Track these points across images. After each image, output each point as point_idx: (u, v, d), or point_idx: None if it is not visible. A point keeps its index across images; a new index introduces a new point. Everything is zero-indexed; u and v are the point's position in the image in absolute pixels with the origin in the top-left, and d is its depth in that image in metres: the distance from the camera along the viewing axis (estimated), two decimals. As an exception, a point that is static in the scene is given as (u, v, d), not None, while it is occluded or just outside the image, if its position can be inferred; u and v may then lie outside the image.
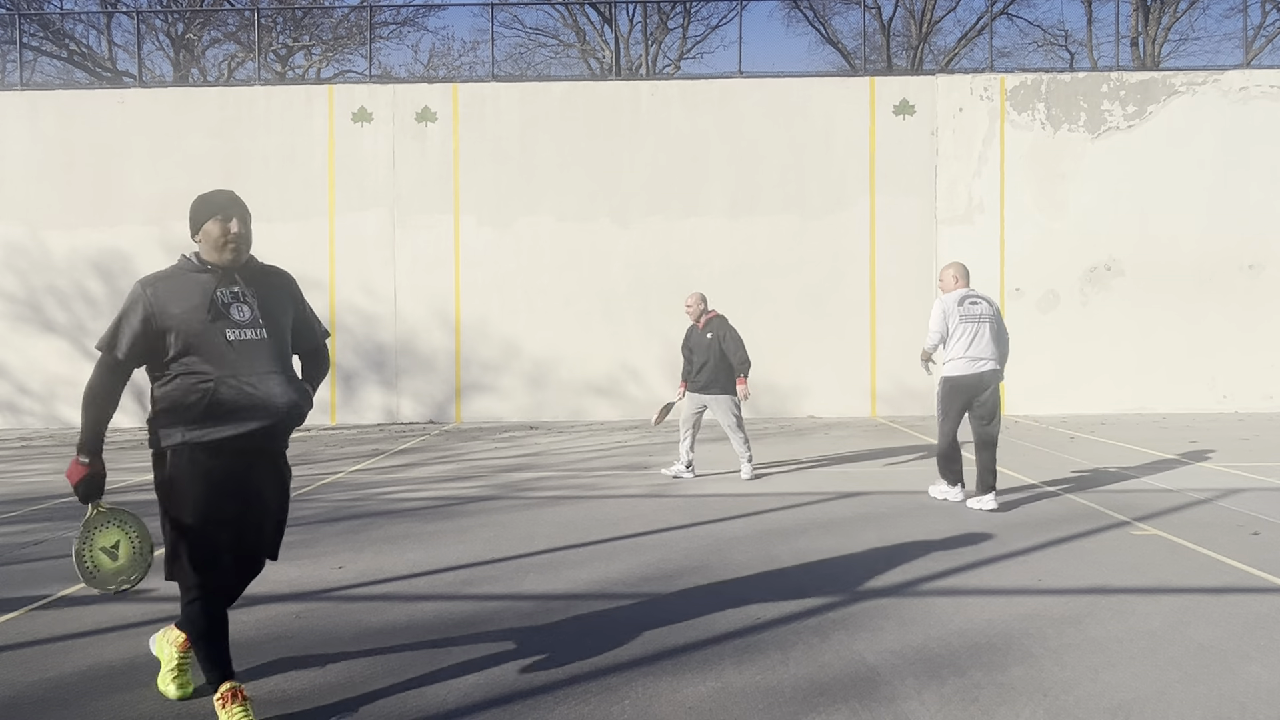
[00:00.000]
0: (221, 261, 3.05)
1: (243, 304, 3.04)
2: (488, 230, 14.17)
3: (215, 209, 3.07)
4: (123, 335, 2.97)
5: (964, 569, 4.96)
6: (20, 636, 4.01)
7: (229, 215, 3.05)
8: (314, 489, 7.91)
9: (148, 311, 2.96)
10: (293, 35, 24.99)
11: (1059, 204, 14.06)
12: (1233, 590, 4.49)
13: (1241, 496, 6.94)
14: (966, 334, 6.59)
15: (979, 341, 6.59)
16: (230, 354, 2.94)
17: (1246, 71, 14.19)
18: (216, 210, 3.06)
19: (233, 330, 2.98)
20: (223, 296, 3.01)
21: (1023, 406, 13.95)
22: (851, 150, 14.17)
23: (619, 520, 6.40)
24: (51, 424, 14.02)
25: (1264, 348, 13.88)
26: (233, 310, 3.00)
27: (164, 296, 2.97)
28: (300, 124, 14.22)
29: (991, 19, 19.27)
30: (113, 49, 24.06)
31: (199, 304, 2.97)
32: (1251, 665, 3.49)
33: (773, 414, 13.99)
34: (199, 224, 3.08)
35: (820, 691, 3.28)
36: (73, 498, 7.62)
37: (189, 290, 3.00)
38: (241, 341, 2.97)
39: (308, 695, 3.31)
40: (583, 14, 26.20)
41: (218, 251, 3.05)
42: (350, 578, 4.95)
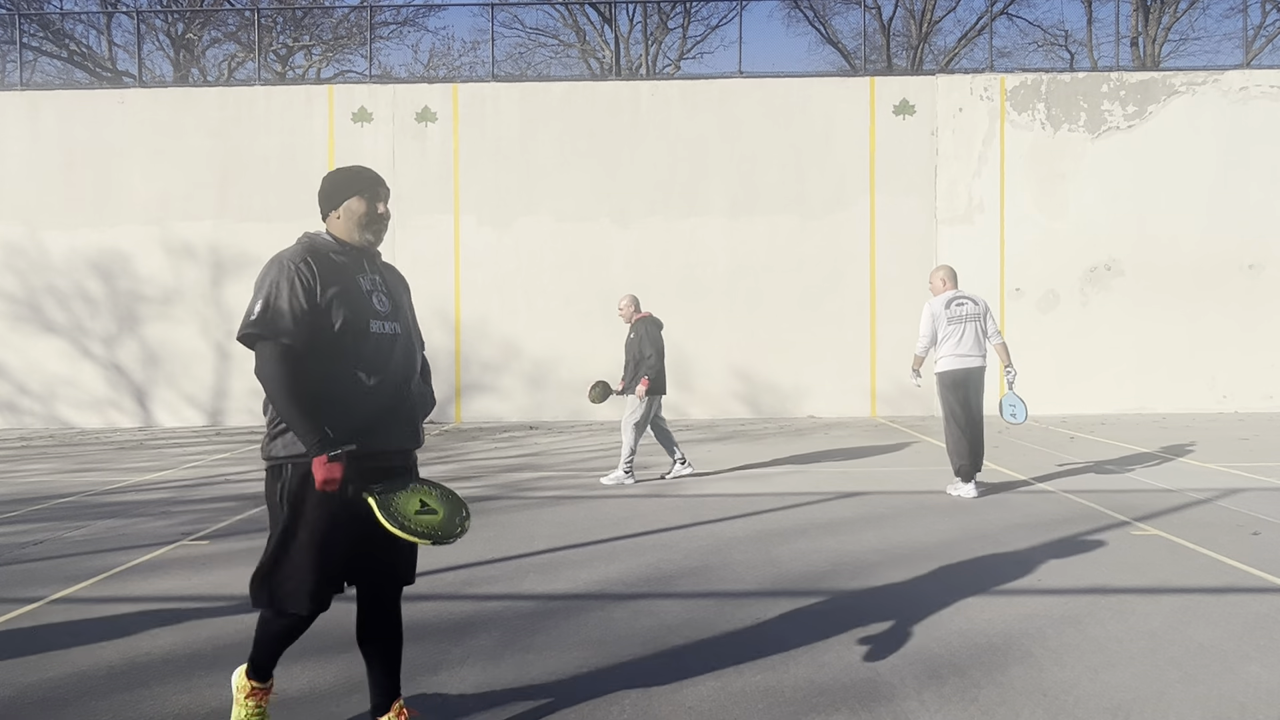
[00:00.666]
0: (360, 243, 2.75)
1: (383, 293, 2.75)
2: (488, 230, 14.17)
3: (361, 185, 2.77)
4: (282, 315, 2.55)
5: (964, 569, 4.96)
6: (20, 636, 4.00)
7: (377, 195, 2.77)
8: (314, 489, 7.90)
9: (308, 286, 2.58)
10: (293, 35, 24.99)
11: (1059, 204, 14.06)
12: (1233, 590, 4.49)
13: (1241, 496, 6.95)
14: (954, 333, 7.20)
15: (965, 340, 7.19)
16: (376, 348, 2.65)
17: (1246, 71, 14.19)
18: (363, 187, 2.77)
19: (376, 321, 2.68)
20: (365, 281, 2.71)
21: (1023, 406, 13.94)
22: (851, 150, 14.17)
23: (619, 520, 6.40)
24: (51, 424, 14.02)
25: (1264, 348, 13.88)
26: (374, 298, 2.71)
27: (320, 272, 2.61)
28: (300, 124, 14.22)
29: (991, 19, 19.28)
30: (113, 49, 24.07)
31: (350, 287, 2.64)
32: (1251, 665, 3.49)
33: (773, 414, 13.99)
34: (338, 200, 2.76)
35: (820, 691, 3.28)
36: (72, 498, 7.62)
37: (336, 268, 2.66)
38: (383, 335, 2.68)
39: (308, 695, 3.31)
40: (583, 14, 26.21)
41: (359, 230, 2.75)
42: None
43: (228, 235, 14.10)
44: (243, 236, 14.07)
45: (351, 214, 2.75)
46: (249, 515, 6.73)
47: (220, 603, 4.49)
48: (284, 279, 2.57)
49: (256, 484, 8.24)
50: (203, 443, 11.71)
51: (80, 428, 13.87)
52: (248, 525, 6.38)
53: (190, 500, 7.44)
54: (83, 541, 5.91)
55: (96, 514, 6.86)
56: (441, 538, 2.57)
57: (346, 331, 2.60)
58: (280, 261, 2.61)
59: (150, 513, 6.91)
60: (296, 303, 2.55)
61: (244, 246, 14.05)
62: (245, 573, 5.05)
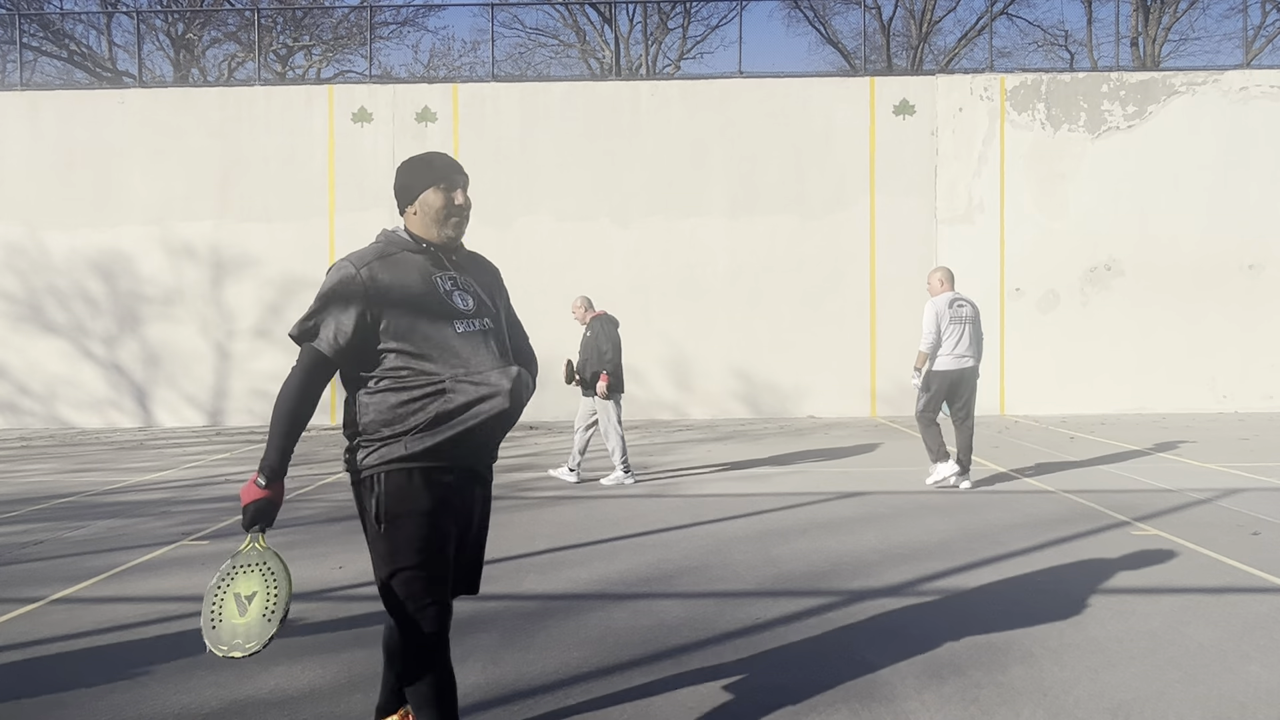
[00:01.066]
0: (440, 239, 2.55)
1: (465, 291, 2.54)
2: (488, 230, 14.16)
3: (437, 175, 2.56)
4: (327, 325, 2.40)
5: (964, 569, 4.96)
6: (20, 636, 4.00)
7: (454, 184, 2.56)
8: (314, 489, 7.92)
9: (364, 297, 2.40)
10: (293, 35, 24.99)
11: (1059, 204, 14.06)
12: (1233, 590, 4.49)
13: (1241, 496, 6.95)
14: (954, 334, 7.38)
15: (964, 341, 7.39)
16: (462, 350, 2.43)
17: (1246, 71, 14.19)
18: (439, 177, 2.56)
19: (460, 321, 2.47)
20: (443, 281, 2.52)
21: (1023, 406, 13.95)
22: (851, 150, 14.17)
23: (619, 520, 6.40)
24: (51, 424, 14.02)
25: (1264, 348, 13.88)
26: (455, 297, 2.51)
27: (382, 279, 2.43)
28: (300, 124, 14.22)
29: (991, 19, 19.28)
30: (113, 49, 24.07)
31: (424, 289, 2.46)
32: (1251, 665, 3.49)
33: (773, 414, 13.99)
34: (414, 194, 2.58)
35: (820, 691, 3.28)
36: (72, 498, 7.62)
37: (408, 272, 2.48)
38: (469, 334, 2.47)
39: (308, 695, 3.31)
40: (583, 14, 26.21)
41: (437, 226, 2.55)
42: (350, 578, 4.95)
43: (228, 235, 14.10)
44: (243, 236, 14.07)
45: (428, 208, 2.55)
46: (249, 515, 6.72)
47: (220, 603, 4.49)
48: (341, 285, 2.40)
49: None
50: (203, 443, 11.72)
51: (80, 428, 13.87)
52: (248, 525, 6.37)
53: (190, 500, 7.44)
54: (83, 541, 5.92)
55: (96, 514, 6.86)
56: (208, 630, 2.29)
57: (426, 336, 2.41)
58: (345, 266, 2.44)
59: (150, 513, 6.91)
60: (347, 313, 2.39)
61: (244, 247, 14.05)
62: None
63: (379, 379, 2.44)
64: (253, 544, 2.39)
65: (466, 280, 2.58)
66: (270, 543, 5.91)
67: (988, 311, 14.03)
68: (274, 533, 6.05)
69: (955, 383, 7.40)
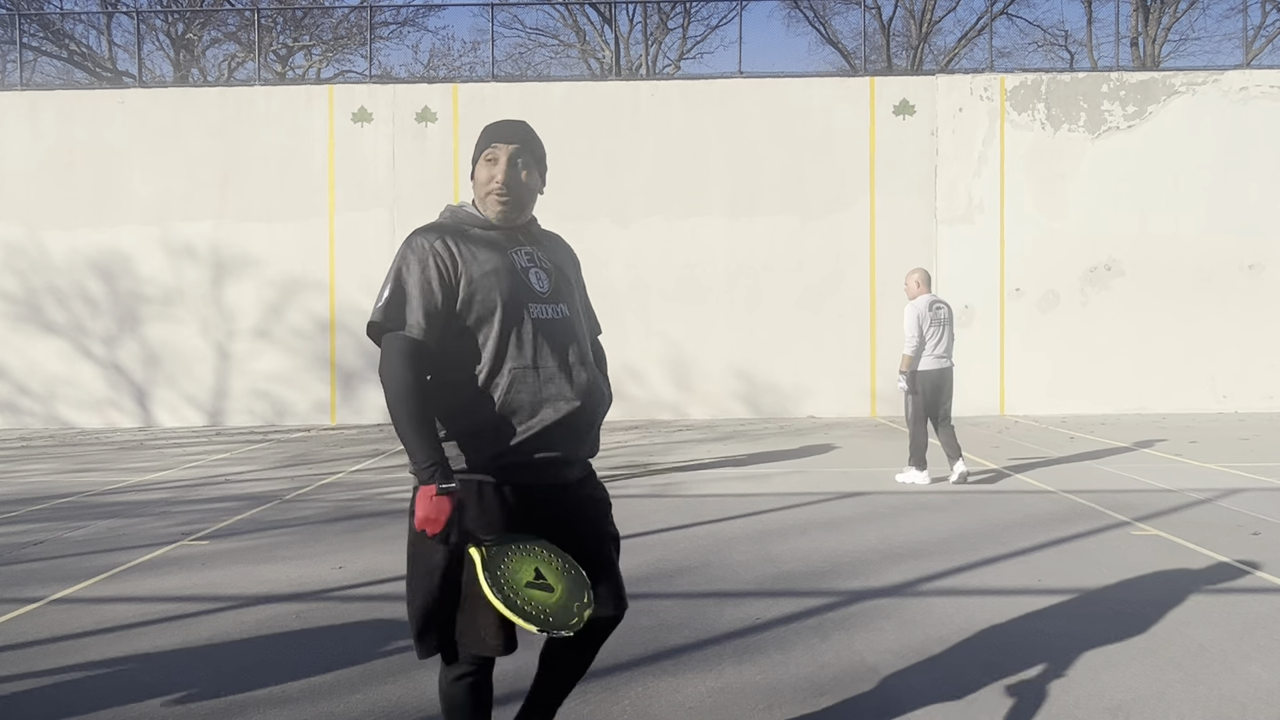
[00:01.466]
0: (491, 216, 2.27)
1: (543, 270, 2.27)
2: (488, 230, 14.15)
3: (487, 141, 2.28)
4: (411, 305, 2.13)
5: (964, 569, 4.96)
6: (20, 636, 4.00)
7: (495, 155, 2.26)
8: (314, 489, 7.92)
9: (442, 268, 2.14)
10: (293, 35, 24.99)
11: (1059, 204, 14.05)
12: (1233, 590, 4.49)
13: (1241, 496, 6.95)
14: (935, 335, 7.62)
15: (944, 341, 7.64)
16: (533, 339, 2.17)
17: (1246, 71, 14.19)
18: (483, 146, 2.28)
19: (536, 305, 2.20)
20: (520, 256, 2.24)
21: (1023, 407, 13.95)
22: (851, 150, 14.17)
23: (619, 520, 6.37)
24: (51, 424, 14.02)
25: (1264, 348, 13.88)
26: (533, 276, 2.24)
27: (458, 250, 2.18)
28: (300, 124, 14.22)
29: (991, 19, 19.27)
30: (113, 49, 24.07)
31: (498, 265, 2.19)
32: (1251, 665, 3.49)
33: (773, 414, 13.99)
34: (474, 163, 2.32)
35: (820, 692, 3.28)
36: (72, 498, 7.62)
37: (481, 245, 2.22)
38: (544, 321, 2.20)
39: (308, 695, 3.31)
40: (583, 14, 26.21)
41: (482, 202, 2.29)
42: (350, 578, 4.95)
43: (228, 235, 14.10)
44: (243, 236, 14.07)
45: (478, 185, 2.29)
46: (249, 515, 6.73)
47: (220, 603, 4.49)
48: (415, 260, 2.15)
49: (256, 484, 8.25)
50: (203, 443, 11.72)
51: (80, 428, 13.87)
52: (248, 525, 6.38)
53: (190, 500, 7.44)
54: (83, 541, 5.92)
55: (96, 514, 6.86)
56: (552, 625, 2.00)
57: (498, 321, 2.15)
58: (412, 240, 2.19)
59: (150, 513, 6.91)
60: (429, 289, 2.12)
61: (244, 246, 14.05)
62: (245, 572, 5.05)
63: (445, 368, 2.17)
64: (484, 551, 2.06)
65: (544, 257, 2.29)
66: (269, 542, 5.94)
67: (988, 312, 14.04)
68: (273, 532, 6.06)
69: (938, 382, 7.65)
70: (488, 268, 2.17)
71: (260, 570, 5.10)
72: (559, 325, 2.22)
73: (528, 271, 2.23)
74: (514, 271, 2.20)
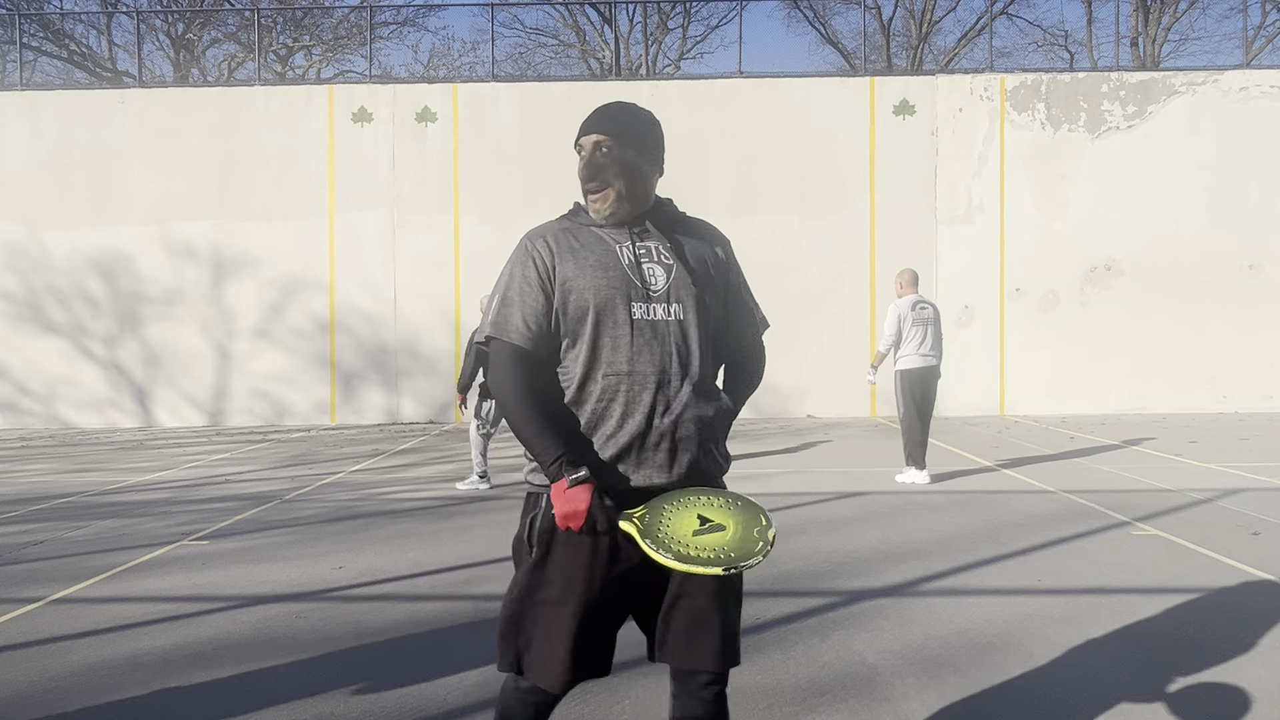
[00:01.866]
0: (595, 215, 2.09)
1: (660, 264, 2.06)
2: (488, 230, 14.16)
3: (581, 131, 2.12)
4: (513, 311, 2.02)
5: (964, 569, 4.96)
6: (20, 636, 4.00)
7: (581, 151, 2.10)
8: (314, 489, 7.92)
9: (541, 270, 2.02)
10: (293, 35, 25.00)
11: (1059, 204, 14.05)
12: (1233, 590, 4.49)
13: (1241, 496, 6.94)
14: (918, 334, 7.77)
15: (927, 341, 7.79)
16: (636, 339, 1.98)
17: (1246, 71, 14.19)
18: (579, 135, 2.12)
19: (640, 304, 2.00)
20: (629, 251, 2.05)
21: (1022, 407, 13.95)
22: (851, 150, 14.17)
23: (619, 520, 6.39)
24: (51, 424, 14.02)
25: (1264, 348, 13.88)
26: (644, 270, 2.04)
27: (558, 248, 2.04)
28: (300, 124, 14.22)
29: (991, 19, 19.27)
30: (113, 49, 24.08)
31: (603, 261, 2.02)
32: (1251, 665, 3.48)
33: (773, 414, 13.99)
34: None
35: (820, 691, 3.28)
36: (72, 498, 7.62)
37: (589, 243, 2.05)
38: (648, 322, 2.00)
39: (308, 695, 3.31)
40: (583, 14, 26.21)
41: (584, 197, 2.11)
42: (350, 578, 4.95)
43: (228, 235, 14.10)
44: (243, 237, 14.07)
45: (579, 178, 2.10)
46: (249, 515, 6.73)
47: (220, 603, 4.49)
48: (518, 264, 2.05)
49: (256, 484, 8.25)
50: (203, 443, 11.72)
51: (80, 428, 13.87)
52: (248, 525, 6.38)
53: (190, 500, 7.44)
54: (83, 541, 5.92)
55: (96, 514, 6.86)
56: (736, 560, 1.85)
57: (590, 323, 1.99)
58: (522, 241, 2.10)
59: (150, 513, 6.91)
60: (529, 292, 2.02)
61: (244, 247, 14.05)
62: (245, 572, 5.05)
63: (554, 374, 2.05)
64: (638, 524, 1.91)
65: (666, 251, 2.08)
66: (269, 542, 5.95)
67: (988, 312, 14.04)
68: (273, 532, 6.06)
69: (923, 379, 7.79)
70: (587, 266, 2.01)
71: (260, 570, 5.10)
72: (666, 327, 2.01)
73: (638, 268, 2.03)
74: (618, 269, 2.02)
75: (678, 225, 2.17)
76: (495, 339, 2.03)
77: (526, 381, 1.99)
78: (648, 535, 1.88)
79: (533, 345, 2.00)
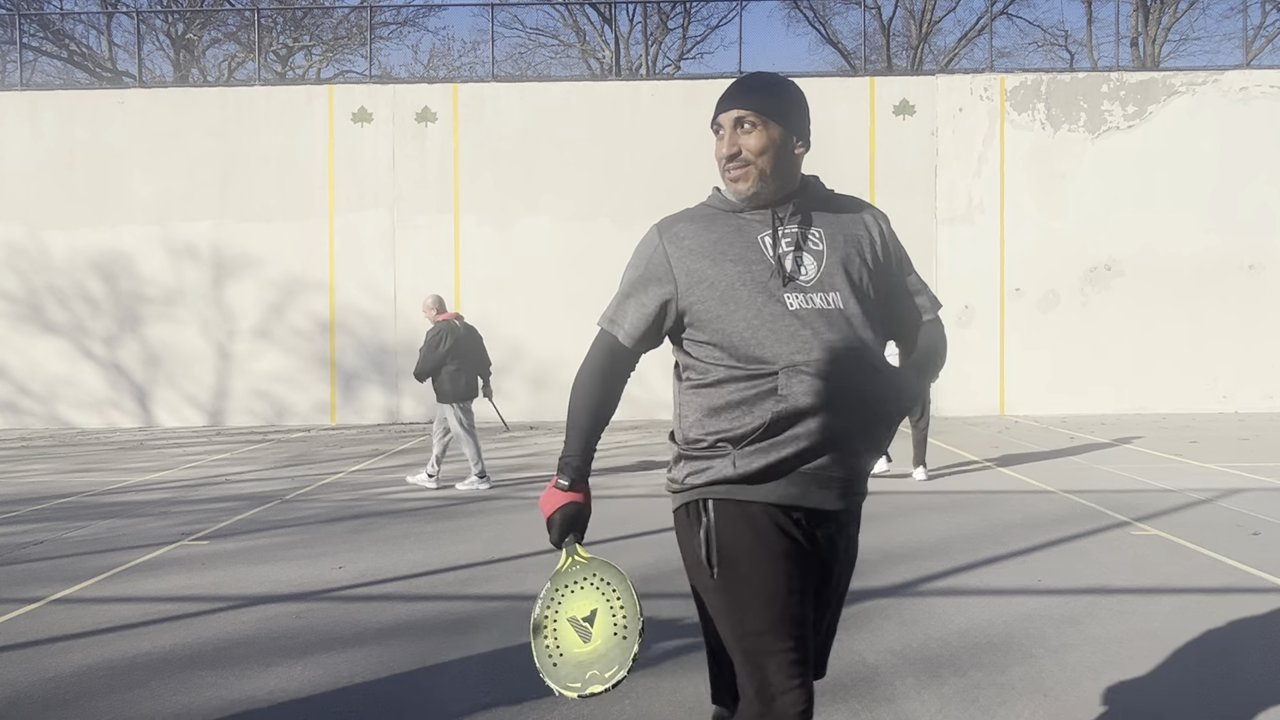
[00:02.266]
0: (735, 199, 1.91)
1: (809, 252, 1.88)
2: (488, 230, 14.16)
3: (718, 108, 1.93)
4: (627, 306, 1.91)
5: (964, 569, 4.96)
6: (20, 636, 4.00)
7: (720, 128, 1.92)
8: (314, 489, 7.92)
9: (664, 267, 1.87)
10: (293, 35, 25.00)
11: (1059, 204, 14.05)
12: (1233, 590, 4.49)
13: (1241, 496, 6.94)
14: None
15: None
16: (798, 332, 1.79)
17: (1246, 71, 14.19)
18: (718, 111, 1.93)
19: (796, 296, 1.82)
20: (774, 242, 1.86)
21: (1023, 406, 13.95)
22: (851, 150, 14.17)
23: (620, 520, 6.40)
24: (51, 424, 14.02)
25: (1264, 348, 13.88)
26: (791, 261, 1.85)
27: (688, 242, 1.87)
28: (300, 124, 14.22)
29: (991, 19, 19.27)
30: (113, 49, 24.08)
31: (743, 251, 1.85)
32: (1251, 665, 3.48)
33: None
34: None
35: (820, 691, 3.26)
36: (72, 498, 7.62)
37: (725, 234, 1.87)
38: (809, 312, 1.81)
39: (308, 695, 3.31)
40: (583, 14, 26.22)
41: (724, 182, 1.94)
42: (350, 578, 4.95)
43: (228, 235, 14.10)
44: (243, 237, 14.07)
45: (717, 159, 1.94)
46: (249, 515, 6.73)
47: (220, 603, 4.49)
48: (640, 255, 1.93)
49: (256, 484, 8.25)
50: (203, 443, 11.72)
51: (80, 428, 13.87)
52: (248, 525, 6.38)
53: (190, 500, 7.45)
54: (83, 541, 5.92)
55: (96, 514, 6.86)
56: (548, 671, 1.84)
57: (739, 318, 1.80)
58: (648, 231, 1.97)
59: (150, 513, 6.91)
60: (648, 291, 1.88)
61: (244, 247, 14.05)
62: (245, 573, 5.06)
63: (698, 371, 1.87)
64: (570, 559, 1.88)
65: (815, 236, 1.90)
66: (269, 542, 5.94)
67: (988, 312, 14.04)
68: (273, 532, 6.06)
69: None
70: (725, 260, 1.83)
71: (260, 570, 5.10)
72: (824, 319, 1.81)
73: (784, 257, 1.84)
74: (764, 256, 1.84)
75: (827, 204, 1.99)
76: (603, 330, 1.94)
77: (612, 379, 1.93)
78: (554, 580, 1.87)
79: (633, 345, 1.91)
